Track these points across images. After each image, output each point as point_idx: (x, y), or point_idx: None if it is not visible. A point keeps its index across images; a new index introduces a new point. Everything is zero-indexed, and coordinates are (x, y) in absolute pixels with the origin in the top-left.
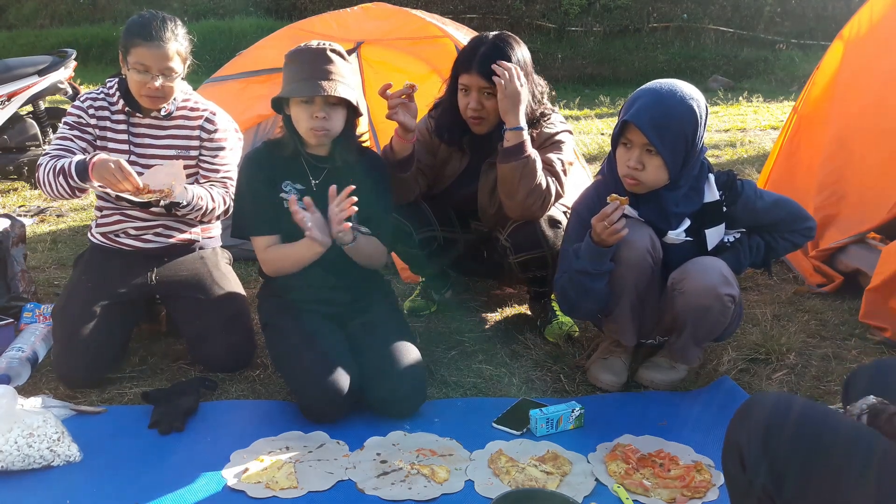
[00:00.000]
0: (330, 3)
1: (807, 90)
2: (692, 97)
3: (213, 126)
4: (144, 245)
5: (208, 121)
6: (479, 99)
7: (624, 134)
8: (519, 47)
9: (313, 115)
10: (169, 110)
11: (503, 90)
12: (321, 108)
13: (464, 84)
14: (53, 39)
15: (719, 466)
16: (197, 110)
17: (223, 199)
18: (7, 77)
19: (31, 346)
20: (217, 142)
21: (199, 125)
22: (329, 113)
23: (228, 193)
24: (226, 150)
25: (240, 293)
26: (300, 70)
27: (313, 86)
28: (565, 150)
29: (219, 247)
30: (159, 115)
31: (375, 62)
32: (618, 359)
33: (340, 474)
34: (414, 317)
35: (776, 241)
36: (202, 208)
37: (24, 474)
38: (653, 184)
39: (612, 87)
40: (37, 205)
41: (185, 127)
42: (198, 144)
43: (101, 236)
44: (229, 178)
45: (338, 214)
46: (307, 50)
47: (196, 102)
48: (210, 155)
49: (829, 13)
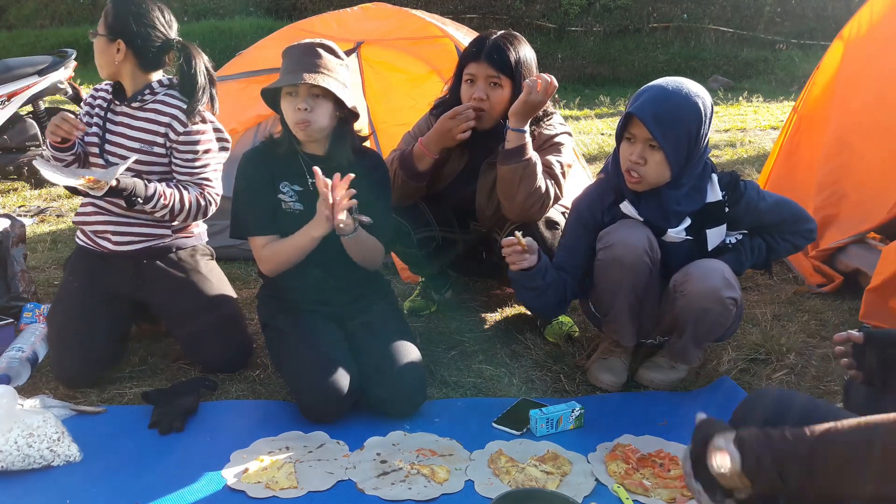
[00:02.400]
0: (330, 3)
1: (807, 90)
2: (698, 95)
3: (182, 127)
4: (117, 248)
5: (179, 121)
6: (484, 88)
7: (627, 128)
8: (524, 45)
9: (297, 107)
10: (138, 97)
11: (528, 94)
12: (304, 99)
13: (470, 74)
14: (53, 39)
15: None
16: (169, 105)
17: (196, 200)
18: (7, 77)
19: (31, 346)
20: (189, 144)
21: (168, 123)
22: (312, 105)
23: (205, 195)
24: (199, 152)
25: (225, 293)
26: (289, 64)
27: (296, 76)
28: (565, 152)
29: (201, 244)
30: (130, 104)
31: (375, 62)
32: (618, 359)
33: (340, 474)
34: (414, 317)
35: (777, 243)
36: (168, 206)
37: (24, 474)
38: (655, 180)
39: (612, 87)
40: (37, 205)
41: (154, 122)
42: (164, 143)
43: (84, 236)
44: (206, 180)
45: (339, 202)
46: (297, 45)
47: (173, 98)
48: (181, 157)
49: (829, 13)
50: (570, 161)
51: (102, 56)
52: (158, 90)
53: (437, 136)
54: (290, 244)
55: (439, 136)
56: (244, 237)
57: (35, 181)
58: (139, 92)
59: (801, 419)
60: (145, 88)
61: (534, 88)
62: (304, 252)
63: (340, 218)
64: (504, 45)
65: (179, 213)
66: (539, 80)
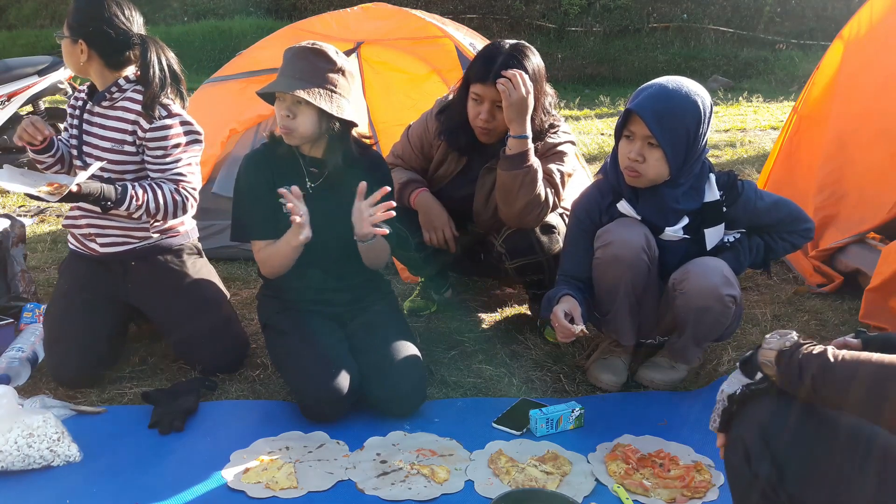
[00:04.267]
0: (330, 3)
1: (807, 90)
2: (697, 94)
3: (148, 123)
4: (104, 250)
5: (143, 116)
6: (490, 110)
7: (627, 125)
8: (534, 57)
9: (282, 112)
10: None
11: (508, 98)
12: (287, 106)
13: (477, 94)
14: (53, 39)
15: (719, 466)
16: (135, 101)
17: (172, 198)
18: (7, 77)
19: (31, 346)
20: (159, 140)
21: (135, 120)
22: (295, 112)
23: (180, 191)
24: (168, 147)
25: (214, 294)
26: (282, 67)
27: (280, 83)
28: (567, 161)
29: (186, 243)
30: (98, 103)
31: (375, 62)
32: (618, 359)
33: (340, 474)
34: (414, 317)
35: (775, 242)
36: (143, 206)
37: (24, 474)
38: (653, 178)
39: (612, 87)
40: (37, 205)
41: (122, 119)
42: (133, 140)
43: (74, 240)
44: (181, 175)
45: (372, 215)
46: (293, 48)
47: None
48: (152, 153)
49: (829, 13)
50: (571, 170)
51: (69, 58)
52: (126, 87)
53: (424, 218)
54: (275, 251)
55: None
56: (244, 240)
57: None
58: (107, 90)
59: (800, 420)
60: (112, 86)
61: (509, 90)
62: (290, 258)
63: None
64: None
65: (157, 212)
66: (509, 80)
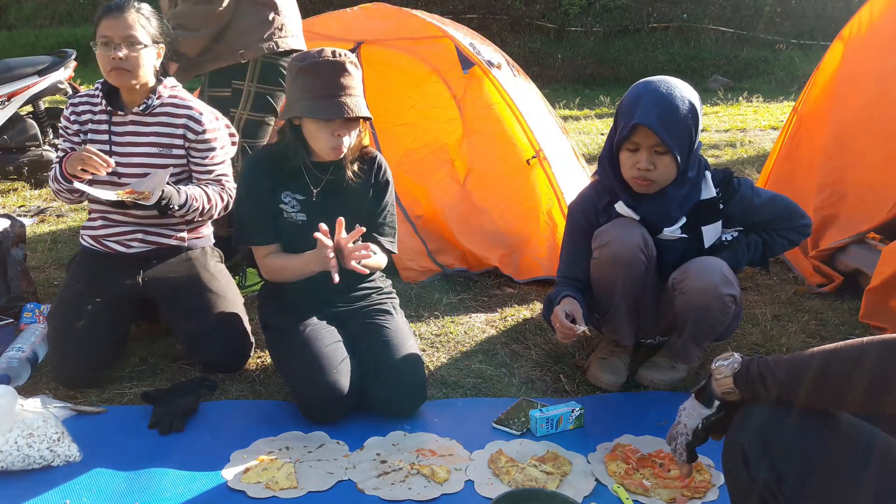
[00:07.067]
0: (330, 3)
1: (807, 90)
2: (688, 92)
3: (200, 126)
4: (128, 250)
5: (195, 121)
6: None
7: (630, 138)
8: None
9: (334, 132)
10: (148, 104)
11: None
12: (341, 126)
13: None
14: (53, 39)
15: (719, 466)
16: (180, 107)
17: (220, 197)
18: (7, 77)
19: (31, 346)
20: (207, 143)
21: (184, 124)
22: (348, 130)
23: (225, 190)
24: (216, 149)
25: (231, 293)
26: (320, 86)
27: (337, 105)
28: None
29: (209, 246)
30: (140, 111)
31: (375, 62)
32: (617, 359)
33: (340, 474)
34: (415, 317)
35: (773, 239)
36: (198, 208)
37: (24, 474)
38: (665, 181)
39: (612, 87)
40: (37, 205)
41: (168, 125)
42: (182, 144)
43: (91, 238)
44: (224, 176)
45: (352, 253)
46: (325, 63)
47: (182, 99)
48: (200, 157)
49: (829, 13)
50: None
51: (150, 66)
52: (163, 91)
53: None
54: (290, 267)
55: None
56: (246, 245)
57: (35, 181)
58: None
59: (799, 424)
60: (150, 91)
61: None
62: (304, 276)
63: (353, 264)
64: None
65: (207, 211)
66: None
